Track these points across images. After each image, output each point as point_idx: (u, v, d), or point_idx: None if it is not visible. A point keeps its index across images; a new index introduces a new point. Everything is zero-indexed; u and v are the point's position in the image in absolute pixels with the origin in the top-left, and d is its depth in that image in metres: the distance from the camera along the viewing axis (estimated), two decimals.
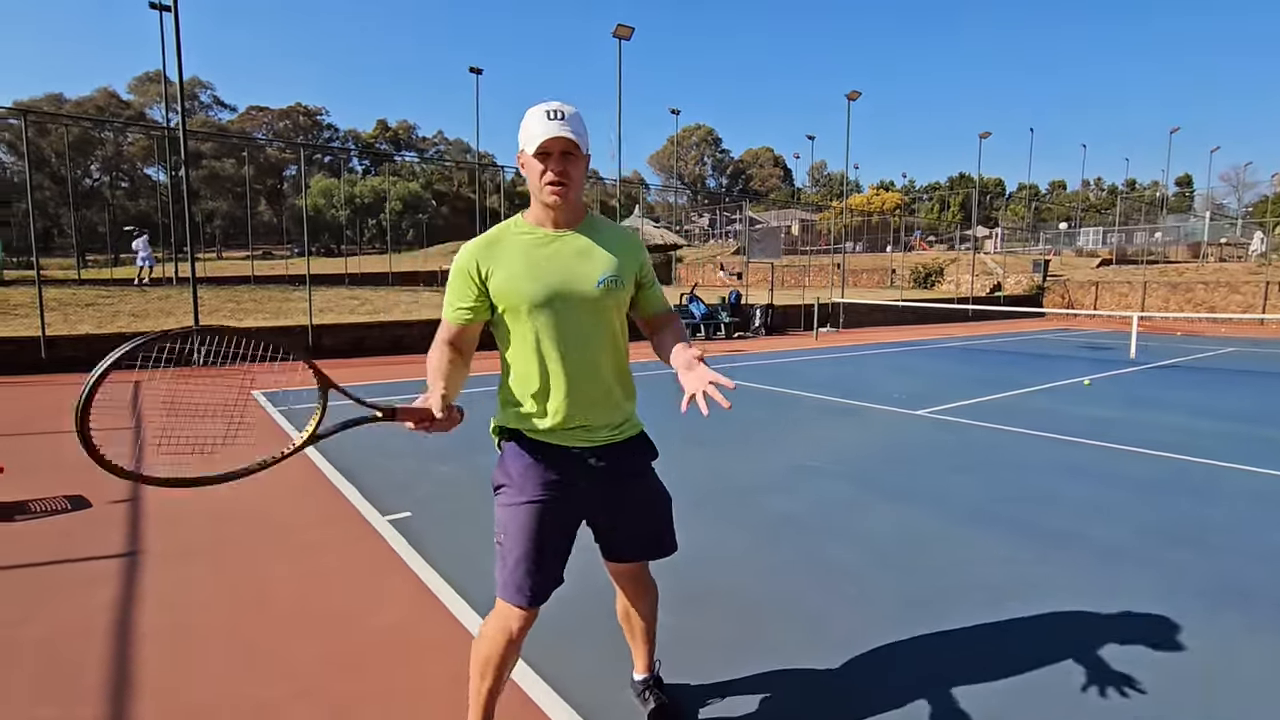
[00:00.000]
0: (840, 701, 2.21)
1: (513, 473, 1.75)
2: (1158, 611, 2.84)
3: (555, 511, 1.73)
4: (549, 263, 1.68)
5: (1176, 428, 6.52)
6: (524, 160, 1.65)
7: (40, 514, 3.90)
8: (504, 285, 1.67)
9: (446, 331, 1.72)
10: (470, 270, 1.68)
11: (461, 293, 1.70)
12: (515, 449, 1.77)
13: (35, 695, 2.20)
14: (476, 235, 1.79)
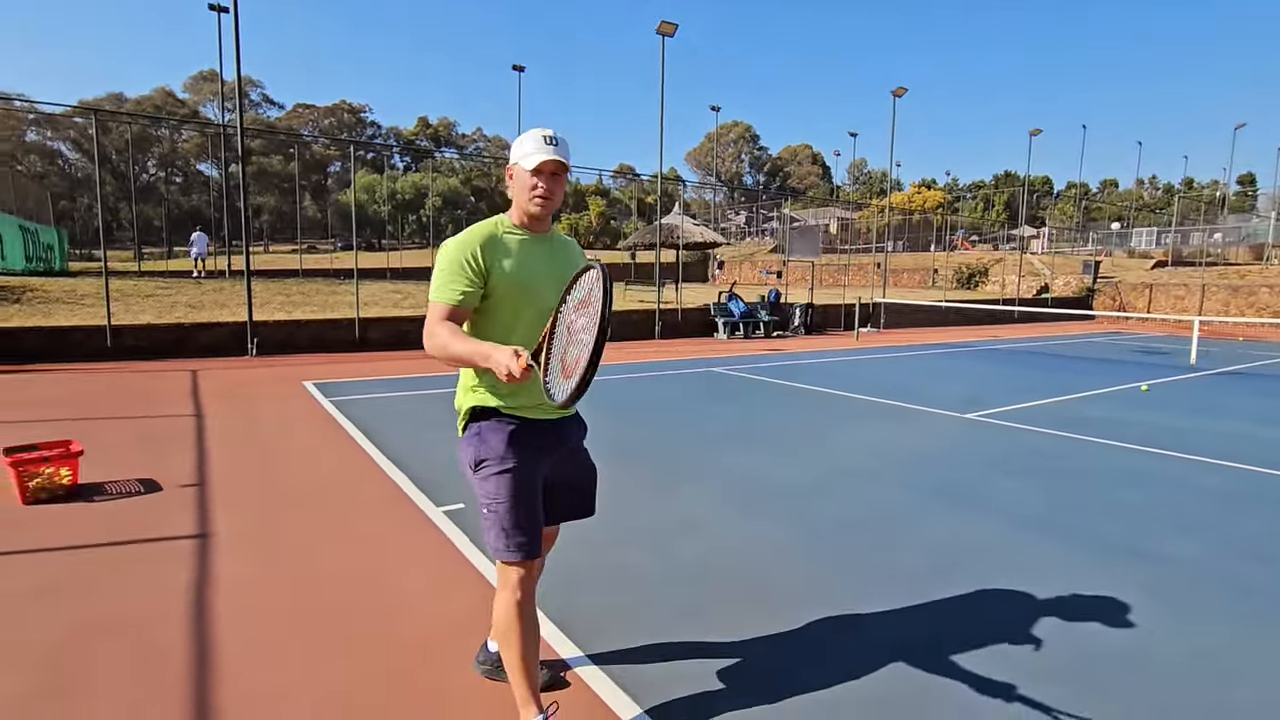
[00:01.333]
0: (884, 700, 2.17)
1: (494, 446, 1.91)
2: (1236, 625, 2.72)
3: (532, 474, 1.94)
4: (535, 262, 1.96)
5: (1244, 436, 6.25)
6: (515, 172, 1.94)
7: (116, 495, 4.07)
8: (503, 276, 1.90)
9: (444, 312, 1.86)
10: (471, 259, 1.88)
11: (462, 277, 1.87)
12: (493, 425, 1.93)
13: (124, 671, 2.30)
14: None
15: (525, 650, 1.90)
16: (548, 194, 1.91)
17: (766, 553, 3.42)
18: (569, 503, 2.14)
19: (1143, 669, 2.42)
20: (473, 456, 1.93)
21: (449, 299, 1.86)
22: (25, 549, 3.30)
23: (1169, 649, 2.57)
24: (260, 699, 2.16)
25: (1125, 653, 2.53)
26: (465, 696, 2.19)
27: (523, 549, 1.88)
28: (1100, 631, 2.69)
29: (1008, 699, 2.23)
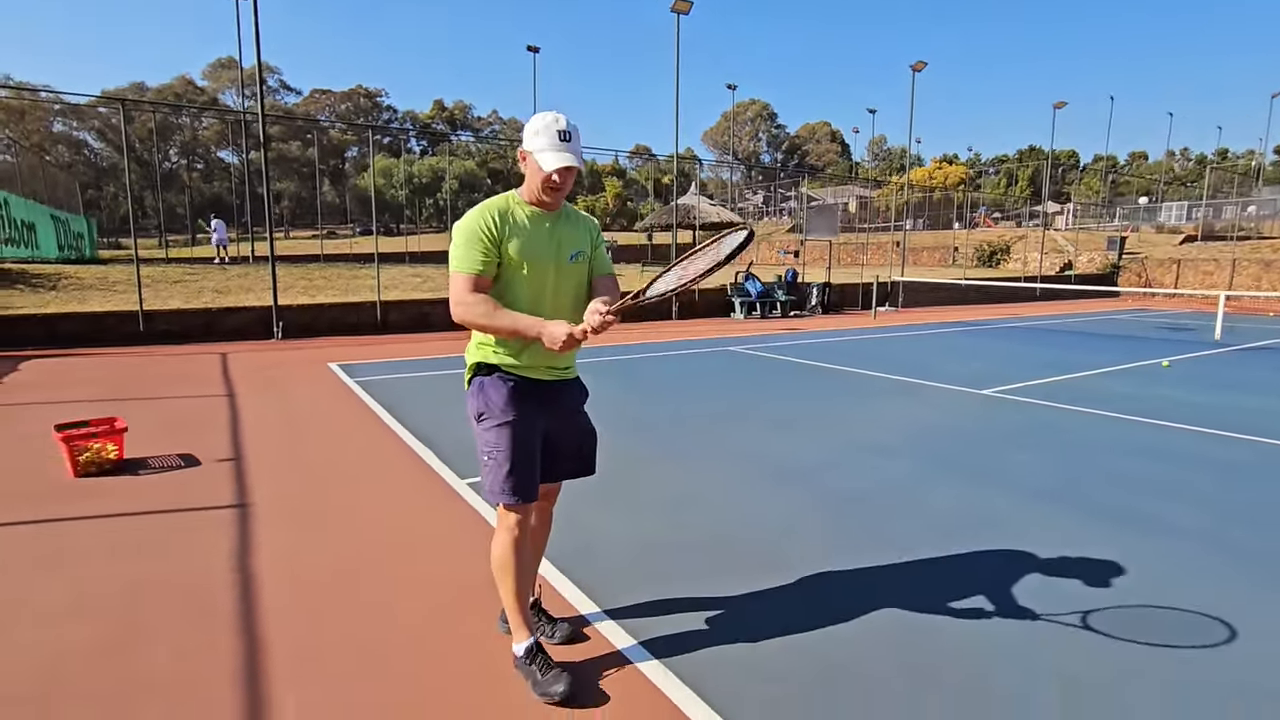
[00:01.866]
0: (887, 648, 2.29)
1: (495, 400, 2.10)
2: (1237, 589, 2.80)
3: (530, 427, 2.12)
4: (544, 237, 2.11)
5: (1265, 411, 6.22)
6: (530, 163, 2.06)
7: (159, 469, 4.29)
8: (515, 248, 2.06)
9: (472, 283, 2.02)
10: (488, 230, 2.03)
11: (483, 248, 2.02)
12: (495, 381, 2.12)
13: (181, 623, 2.49)
14: None
15: (519, 585, 2.13)
16: (559, 188, 2.07)
17: (775, 521, 3.54)
18: (568, 463, 2.29)
19: (1141, 629, 2.51)
20: (475, 408, 2.13)
21: (471, 268, 2.01)
22: (84, 515, 3.52)
23: (1180, 609, 2.66)
24: (303, 649, 2.33)
25: (1125, 614, 2.63)
26: (489, 645, 2.35)
27: (518, 493, 2.07)
28: (1101, 595, 2.78)
29: (1003, 656, 2.34)
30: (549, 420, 2.19)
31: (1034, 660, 2.30)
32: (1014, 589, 2.82)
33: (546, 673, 2.10)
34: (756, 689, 2.13)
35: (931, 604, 2.69)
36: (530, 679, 2.11)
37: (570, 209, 2.23)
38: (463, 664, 2.27)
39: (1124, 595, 2.78)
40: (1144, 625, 2.54)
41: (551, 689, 2.06)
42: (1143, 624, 2.54)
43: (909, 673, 2.23)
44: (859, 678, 2.20)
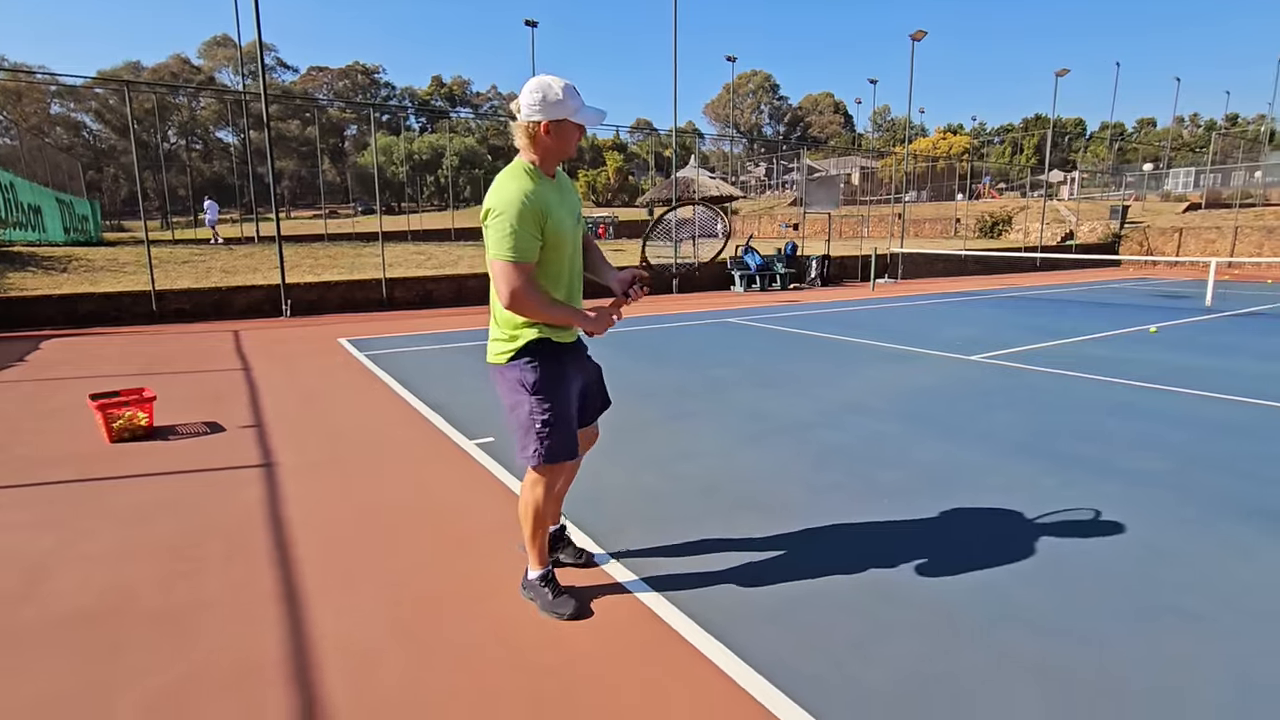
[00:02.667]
0: (862, 580, 2.57)
1: (547, 371, 2.22)
2: (1183, 526, 3.07)
3: (571, 394, 2.33)
4: (564, 206, 2.18)
5: (1243, 373, 6.45)
6: (560, 128, 2.07)
7: (188, 435, 4.58)
8: (554, 224, 2.10)
9: (528, 270, 2.04)
10: (536, 212, 2.03)
11: (534, 231, 2.03)
12: (545, 354, 2.23)
13: (227, 561, 2.78)
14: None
15: (537, 529, 2.39)
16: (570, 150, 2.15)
17: (767, 473, 3.82)
18: (594, 402, 2.52)
19: (1104, 561, 2.79)
20: (531, 379, 2.20)
21: (527, 256, 2.02)
22: (125, 474, 3.81)
23: (1128, 544, 2.93)
24: (334, 583, 2.62)
25: (1089, 546, 2.90)
26: (499, 581, 2.63)
27: (570, 451, 2.30)
28: (1069, 533, 3.05)
29: (978, 595, 2.62)
30: (583, 376, 2.41)
31: (994, 590, 2.58)
32: (980, 527, 3.09)
33: (557, 595, 2.39)
34: (741, 610, 2.41)
35: (902, 539, 2.96)
36: (540, 600, 2.39)
37: (560, 171, 2.28)
38: (479, 591, 2.56)
39: (1079, 530, 3.05)
40: (1097, 558, 2.81)
41: (560, 609, 2.34)
42: (1096, 556, 2.82)
43: (875, 594, 2.51)
44: (830, 598, 2.48)
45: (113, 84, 40.97)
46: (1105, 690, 1.97)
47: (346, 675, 2.04)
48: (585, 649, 2.20)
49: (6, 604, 2.45)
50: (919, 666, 2.09)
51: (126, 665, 2.09)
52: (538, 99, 2.05)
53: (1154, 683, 2.01)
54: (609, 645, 2.22)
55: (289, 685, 1.99)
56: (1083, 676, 2.04)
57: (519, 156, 2.15)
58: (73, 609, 2.41)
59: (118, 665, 2.09)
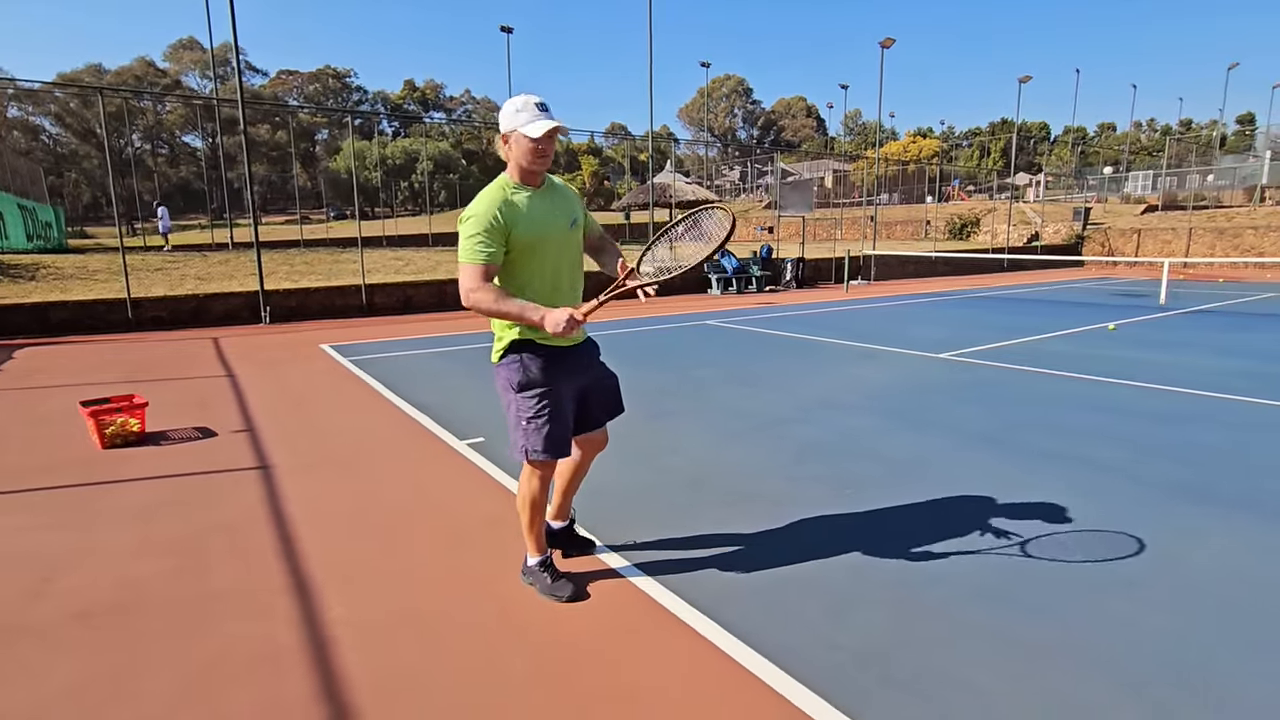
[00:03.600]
0: (836, 562, 2.78)
1: (534, 371, 2.37)
2: (1131, 508, 3.33)
3: (564, 392, 2.43)
4: (541, 214, 2.32)
5: (1192, 366, 6.83)
6: (514, 139, 2.24)
7: (180, 440, 4.65)
8: (521, 230, 2.26)
9: (479, 271, 2.21)
10: (495, 221, 2.22)
11: (494, 239, 2.21)
12: (530, 355, 2.37)
13: (233, 556, 2.89)
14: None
15: (534, 519, 2.55)
16: (545, 154, 2.25)
17: (749, 466, 4.02)
18: (601, 406, 2.63)
19: (1055, 539, 3.03)
20: (514, 379, 2.36)
21: (479, 259, 2.19)
22: (123, 479, 3.88)
23: (1079, 524, 3.18)
24: (340, 574, 2.75)
25: (1043, 526, 3.14)
26: (499, 569, 2.79)
27: (549, 452, 2.39)
28: (1029, 517, 3.29)
29: (942, 574, 2.84)
30: (580, 381, 2.50)
31: (957, 568, 2.80)
32: (946, 512, 3.32)
33: (556, 579, 2.55)
34: (726, 589, 2.60)
35: (873, 524, 3.18)
36: (540, 584, 2.56)
37: (552, 180, 2.43)
38: (473, 582, 2.71)
39: (1037, 515, 3.29)
40: (1053, 539, 3.05)
41: (559, 591, 2.51)
42: (1052, 538, 3.06)
43: (848, 573, 2.72)
44: (806, 577, 2.68)
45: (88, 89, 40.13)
46: (1050, 648, 2.20)
47: (361, 656, 2.19)
48: (584, 627, 2.37)
49: (23, 601, 2.54)
50: (885, 634, 2.30)
51: (150, 652, 2.21)
52: (502, 112, 2.28)
53: (1097, 640, 2.24)
54: (606, 624, 2.39)
55: (308, 667, 2.12)
56: (1031, 639, 2.26)
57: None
58: (89, 603, 2.51)
59: (141, 653, 2.21)
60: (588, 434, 2.63)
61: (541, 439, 2.37)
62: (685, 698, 2.00)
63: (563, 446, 2.42)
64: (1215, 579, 2.65)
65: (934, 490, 3.60)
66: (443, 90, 77.00)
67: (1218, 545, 2.94)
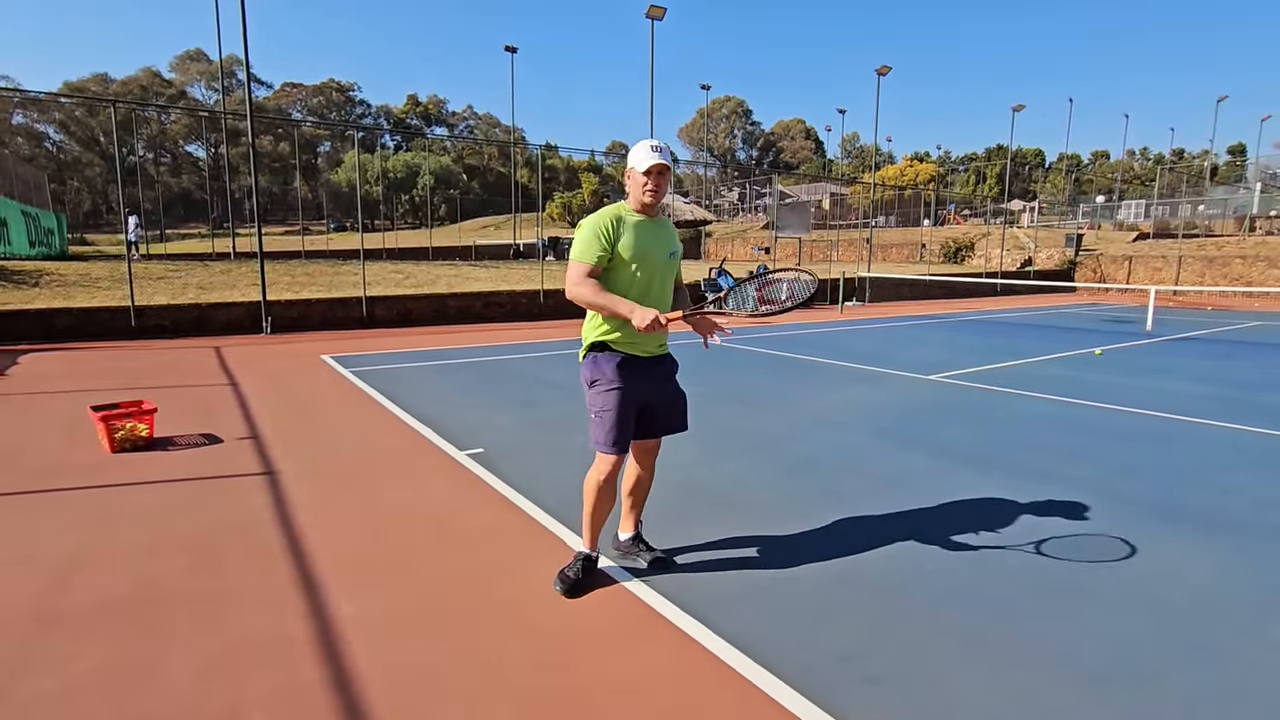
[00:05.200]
0: (820, 568, 2.92)
1: (606, 370, 2.67)
2: (1098, 521, 3.49)
3: (631, 393, 2.68)
4: (647, 239, 2.67)
5: (1172, 392, 7.02)
6: (632, 174, 2.66)
7: (187, 446, 4.77)
8: (625, 246, 2.61)
9: (586, 269, 2.60)
10: (604, 231, 2.59)
11: (600, 245, 2.58)
12: (607, 355, 2.69)
13: (245, 555, 3.02)
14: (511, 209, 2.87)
15: (596, 509, 2.77)
16: (656, 188, 2.63)
17: (742, 479, 4.17)
18: (664, 419, 2.84)
19: (1026, 548, 3.18)
20: (589, 376, 2.70)
21: (588, 259, 2.58)
22: (134, 481, 4.01)
23: (1048, 535, 3.33)
24: (348, 573, 2.88)
25: (1015, 536, 3.29)
26: (501, 571, 2.92)
27: (615, 446, 2.66)
28: (1000, 524, 3.45)
29: (919, 579, 2.98)
30: (648, 388, 2.73)
31: (934, 575, 2.95)
32: (927, 524, 3.47)
33: (572, 571, 2.76)
34: (715, 593, 2.74)
35: (859, 534, 3.32)
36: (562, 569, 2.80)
37: (664, 219, 2.82)
38: (479, 576, 2.85)
39: (1013, 527, 3.44)
40: (1023, 549, 3.20)
41: (560, 582, 2.73)
42: (1022, 548, 3.21)
43: (832, 579, 2.86)
44: (792, 582, 2.83)
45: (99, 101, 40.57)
46: (1018, 649, 2.34)
47: (370, 648, 2.32)
48: (579, 625, 2.51)
49: (47, 595, 2.67)
50: (865, 635, 2.44)
51: (169, 641, 2.34)
52: (631, 155, 2.68)
53: (1062, 641, 2.38)
54: (601, 623, 2.53)
55: (321, 657, 2.25)
56: (1001, 641, 2.41)
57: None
58: (108, 596, 2.64)
59: (161, 641, 2.33)
60: (642, 440, 2.84)
61: (604, 432, 2.65)
62: (675, 693, 2.13)
63: (624, 442, 2.68)
64: (1172, 589, 2.80)
65: (917, 504, 3.75)
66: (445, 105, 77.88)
67: (1178, 559, 3.09)
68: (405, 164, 56.60)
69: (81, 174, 56.73)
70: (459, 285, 15.51)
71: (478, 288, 15.08)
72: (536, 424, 5.45)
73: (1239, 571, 2.99)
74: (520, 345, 10.22)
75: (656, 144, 2.63)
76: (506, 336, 11.33)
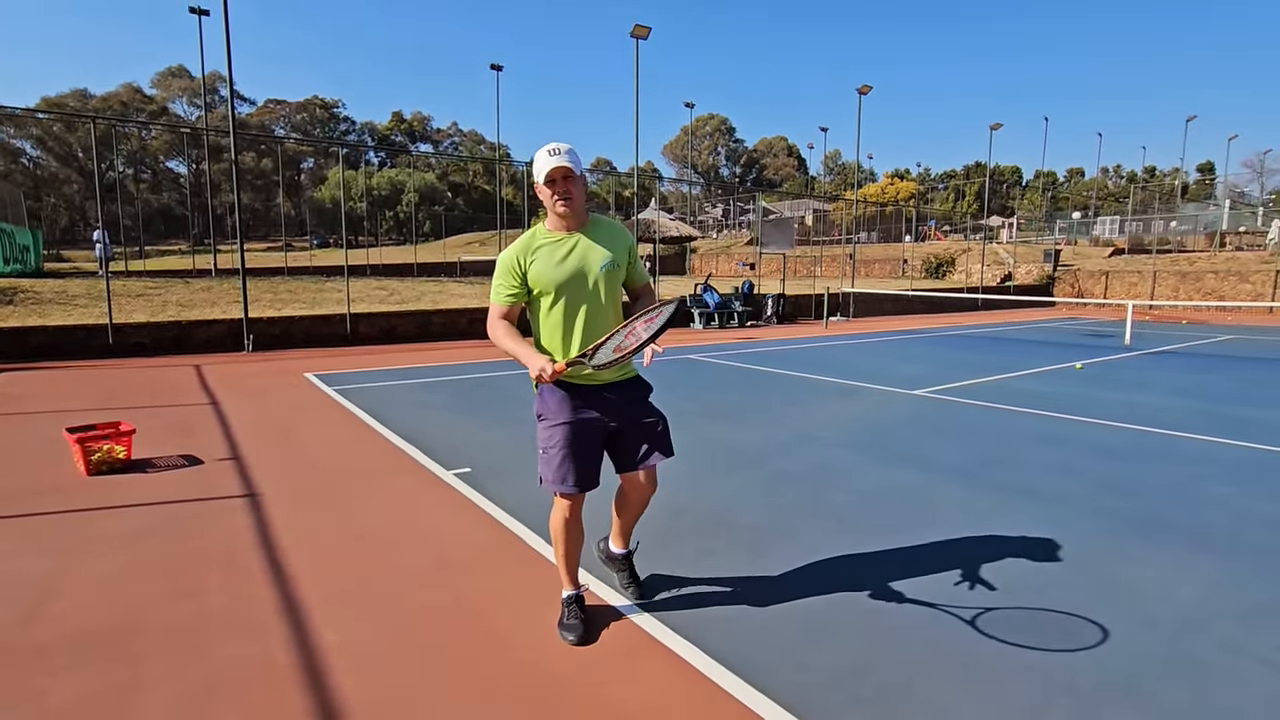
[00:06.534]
0: (809, 588, 2.91)
1: (550, 403, 2.46)
2: (1084, 537, 3.52)
3: (580, 428, 2.44)
4: (571, 259, 2.40)
5: (1151, 405, 7.13)
6: (539, 188, 2.36)
7: (166, 468, 4.68)
8: (535, 276, 2.38)
9: (498, 310, 2.42)
10: (513, 266, 2.39)
11: (509, 283, 2.40)
12: (550, 389, 2.45)
13: (226, 581, 2.95)
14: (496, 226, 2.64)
15: (567, 551, 2.57)
16: (565, 195, 2.31)
17: (728, 497, 4.16)
18: (640, 448, 2.54)
19: (1015, 565, 3.20)
20: (536, 410, 2.50)
21: (499, 300, 2.41)
22: (110, 505, 3.91)
23: (1035, 552, 3.35)
24: (333, 597, 2.83)
25: (1003, 553, 3.31)
26: (489, 594, 2.88)
27: (565, 483, 2.41)
28: (988, 541, 3.46)
29: (908, 597, 2.98)
30: (610, 418, 2.48)
31: (925, 594, 2.95)
32: (914, 541, 3.48)
33: (570, 618, 2.55)
34: (704, 613, 2.72)
35: (846, 552, 3.32)
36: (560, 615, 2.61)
37: (603, 221, 2.49)
38: (469, 608, 2.80)
39: (999, 543, 3.46)
40: (1011, 565, 3.22)
41: (567, 633, 2.52)
42: (1010, 564, 3.23)
43: (822, 599, 2.85)
44: (781, 602, 2.81)
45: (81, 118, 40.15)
46: (1007, 667, 2.34)
47: (355, 677, 2.27)
48: (568, 649, 2.47)
49: (18, 624, 2.59)
50: (855, 655, 2.43)
51: (148, 671, 2.27)
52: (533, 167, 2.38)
53: (1049, 660, 2.39)
54: (593, 648, 2.49)
55: (304, 687, 2.20)
56: (989, 659, 2.41)
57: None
58: (84, 625, 2.56)
59: (140, 672, 2.27)
60: (627, 474, 2.60)
61: (551, 470, 2.43)
62: (668, 717, 2.10)
63: (569, 479, 2.43)
64: (1161, 606, 2.82)
65: (903, 521, 3.76)
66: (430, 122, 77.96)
67: (1167, 575, 3.12)
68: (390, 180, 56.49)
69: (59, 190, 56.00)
70: (444, 302, 15.44)
71: (463, 304, 15.03)
72: (525, 442, 5.41)
73: (1225, 586, 3.02)
74: (506, 363, 10.17)
75: (554, 146, 2.31)
76: (492, 354, 11.28)
